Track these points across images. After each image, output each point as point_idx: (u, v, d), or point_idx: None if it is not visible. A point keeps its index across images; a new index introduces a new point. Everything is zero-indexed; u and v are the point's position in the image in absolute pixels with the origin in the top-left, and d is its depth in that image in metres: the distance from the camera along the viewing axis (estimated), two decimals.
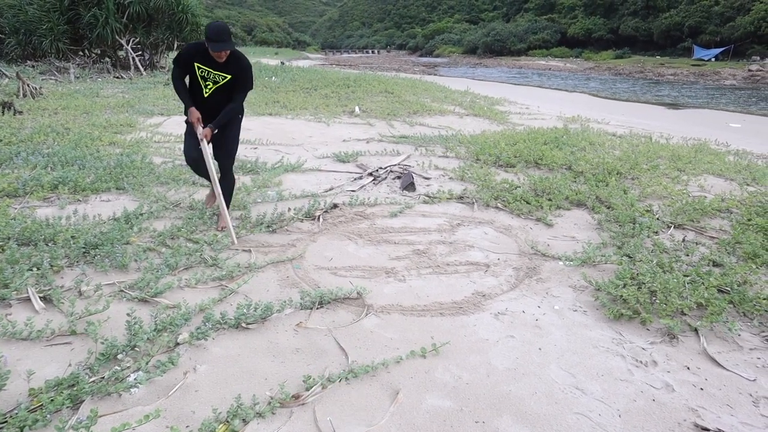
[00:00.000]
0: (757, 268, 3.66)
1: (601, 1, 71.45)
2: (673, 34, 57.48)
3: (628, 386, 2.51)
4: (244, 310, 2.92)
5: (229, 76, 3.88)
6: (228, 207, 4.18)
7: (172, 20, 19.85)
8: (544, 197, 5.23)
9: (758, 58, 45.29)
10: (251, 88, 4.13)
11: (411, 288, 3.44)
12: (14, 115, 8.54)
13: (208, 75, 3.85)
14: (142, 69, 18.48)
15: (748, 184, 5.85)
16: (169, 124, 8.74)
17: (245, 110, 4.44)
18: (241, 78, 3.94)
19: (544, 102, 16.72)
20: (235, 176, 5.78)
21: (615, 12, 69.02)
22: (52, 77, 15.60)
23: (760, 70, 36.88)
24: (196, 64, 3.81)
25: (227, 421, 2.15)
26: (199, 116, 3.88)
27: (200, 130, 3.88)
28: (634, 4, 65.11)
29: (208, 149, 4.02)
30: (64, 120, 8.33)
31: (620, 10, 67.89)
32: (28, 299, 3.02)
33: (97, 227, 4.03)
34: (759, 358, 2.77)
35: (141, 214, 4.35)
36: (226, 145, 4.19)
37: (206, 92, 3.92)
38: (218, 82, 3.90)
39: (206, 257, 3.65)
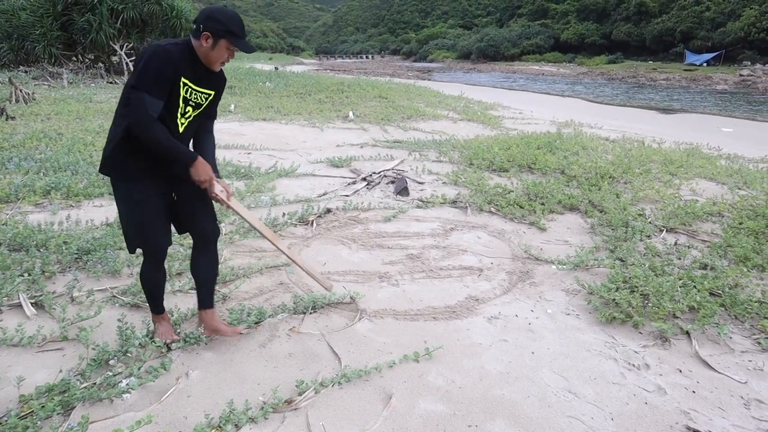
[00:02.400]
0: (748, 271, 3.69)
1: (593, 7, 71.98)
2: (665, 40, 57.97)
3: (621, 389, 2.52)
4: (237, 315, 2.92)
5: (212, 94, 2.52)
6: (213, 295, 2.81)
7: (166, 25, 19.83)
8: (537, 201, 5.25)
9: (749, 63, 45.71)
10: None
11: (404, 292, 3.45)
12: (7, 120, 8.50)
13: (191, 96, 2.39)
14: None
15: (739, 188, 5.89)
16: None
17: (241, 116, 3.37)
18: (220, 95, 2.62)
19: (537, 107, 16.80)
20: (227, 182, 5.81)
21: (608, 17, 69.53)
22: (45, 82, 15.55)
23: (751, 75, 37.21)
24: (183, 80, 2.33)
25: (220, 426, 2.14)
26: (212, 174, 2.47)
27: (219, 188, 2.50)
28: (626, 9, 65.60)
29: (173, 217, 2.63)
30: (57, 125, 8.30)
31: (613, 16, 68.39)
32: (20, 305, 3.00)
33: (90, 233, 4.01)
34: (750, 361, 2.79)
35: None
36: (210, 202, 2.65)
37: (182, 123, 2.43)
38: (201, 105, 2.48)
39: None
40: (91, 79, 17.59)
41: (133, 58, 19.57)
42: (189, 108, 2.41)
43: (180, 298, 3.21)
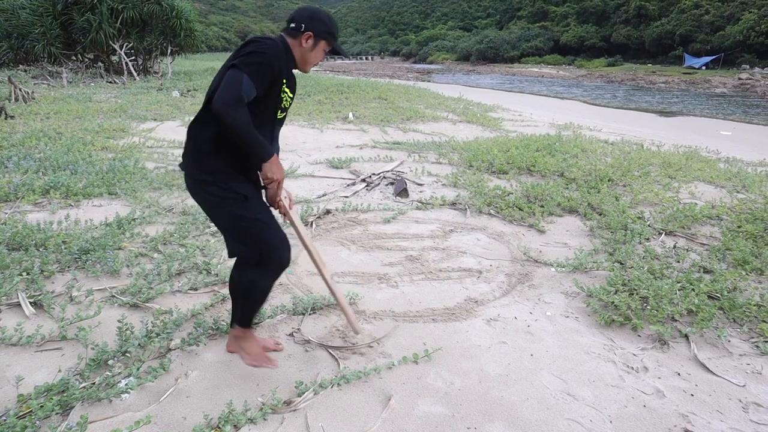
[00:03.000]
0: (746, 274, 3.69)
1: (593, 10, 72.17)
2: (665, 43, 58.17)
3: (619, 392, 2.52)
4: None
5: (293, 97, 2.40)
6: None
7: (166, 26, 19.86)
8: (537, 204, 5.25)
9: (748, 66, 45.83)
10: None
11: (403, 294, 3.45)
12: (6, 119, 8.50)
13: (284, 98, 2.29)
14: (135, 74, 18.46)
15: (738, 192, 5.90)
16: (162, 129, 8.72)
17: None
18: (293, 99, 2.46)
19: (536, 109, 16.82)
20: None
21: (607, 20, 69.75)
22: (45, 81, 15.55)
23: (750, 79, 37.32)
24: (283, 81, 2.23)
25: (219, 427, 2.14)
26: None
27: (284, 193, 2.43)
28: (626, 12, 65.82)
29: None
30: (57, 125, 8.30)
31: (612, 18, 68.61)
32: (18, 304, 3.00)
33: (89, 232, 4.01)
34: (748, 364, 2.79)
35: (133, 220, 4.33)
36: None
37: (273, 128, 2.38)
38: (285, 109, 2.37)
39: (198, 263, 3.64)
40: (91, 78, 17.60)
41: (133, 58, 19.58)
42: (279, 111, 2.30)
43: (179, 299, 3.20)
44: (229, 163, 2.19)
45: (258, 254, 2.28)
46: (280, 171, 2.24)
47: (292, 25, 2.26)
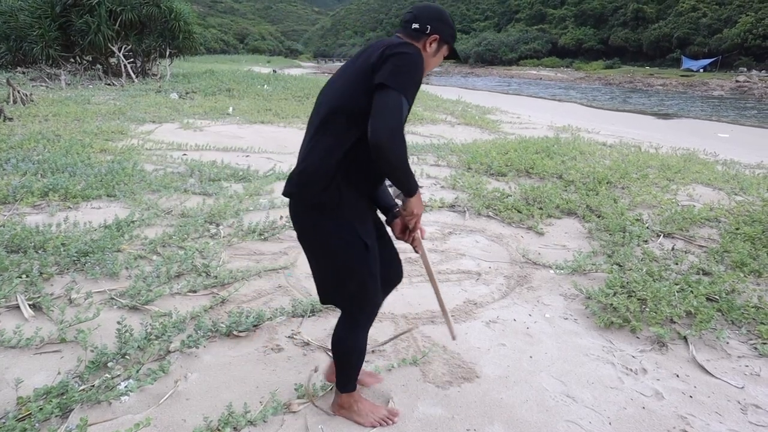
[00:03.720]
0: (744, 276, 3.70)
1: (591, 12, 72.37)
2: (662, 45, 58.38)
3: (618, 394, 2.53)
4: (236, 318, 2.92)
5: None
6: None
7: (165, 28, 19.83)
8: (535, 206, 5.26)
9: (745, 69, 45.99)
10: None
11: (403, 296, 3.45)
12: (4, 121, 8.48)
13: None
14: (133, 76, 18.44)
15: (736, 194, 5.92)
16: (161, 131, 8.71)
17: (239, 119, 2.64)
18: None
19: (535, 111, 16.85)
20: (226, 185, 5.81)
21: (605, 23, 69.97)
22: (43, 84, 15.54)
23: (747, 81, 37.44)
24: None
25: (218, 429, 2.14)
26: None
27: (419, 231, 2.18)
28: (623, 15, 66.02)
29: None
30: (55, 127, 8.28)
31: (610, 21, 68.83)
32: (17, 307, 2.99)
33: (88, 235, 4.01)
34: (747, 366, 2.80)
35: (132, 222, 4.33)
36: None
37: None
38: None
39: (197, 265, 3.64)
40: (89, 80, 17.58)
41: (132, 60, 19.55)
42: None
43: (179, 301, 3.20)
44: (361, 193, 1.90)
45: (351, 306, 2.06)
46: (422, 205, 1.99)
47: (416, 25, 1.92)
